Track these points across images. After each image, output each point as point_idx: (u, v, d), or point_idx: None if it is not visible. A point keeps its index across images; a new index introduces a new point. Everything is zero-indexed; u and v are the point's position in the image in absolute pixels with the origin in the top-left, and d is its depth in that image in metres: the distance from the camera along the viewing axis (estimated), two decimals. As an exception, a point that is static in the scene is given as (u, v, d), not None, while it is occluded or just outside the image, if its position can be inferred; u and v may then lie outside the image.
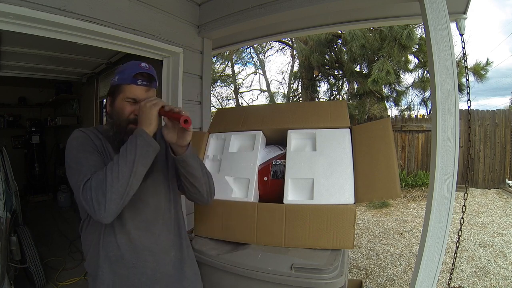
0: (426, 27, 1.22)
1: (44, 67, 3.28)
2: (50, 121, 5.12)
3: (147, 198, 0.94)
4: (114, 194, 0.76)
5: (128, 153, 0.79)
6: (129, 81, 0.90)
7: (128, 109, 0.91)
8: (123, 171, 0.77)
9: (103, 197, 0.75)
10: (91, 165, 0.83)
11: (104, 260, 0.90)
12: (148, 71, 0.92)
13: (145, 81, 0.92)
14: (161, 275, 0.94)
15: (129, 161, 0.78)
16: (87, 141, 0.89)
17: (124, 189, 0.77)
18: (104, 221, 0.78)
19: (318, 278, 0.96)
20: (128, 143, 0.81)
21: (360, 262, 2.98)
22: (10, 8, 1.16)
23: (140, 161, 0.80)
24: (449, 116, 1.17)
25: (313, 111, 1.36)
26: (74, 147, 0.87)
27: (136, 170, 0.79)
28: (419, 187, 5.58)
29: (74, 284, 2.41)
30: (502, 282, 2.53)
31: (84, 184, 0.78)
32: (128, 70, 0.91)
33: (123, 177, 0.77)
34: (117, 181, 0.76)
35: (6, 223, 1.91)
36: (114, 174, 0.77)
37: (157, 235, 0.95)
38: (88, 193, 0.77)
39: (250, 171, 1.27)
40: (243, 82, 11.52)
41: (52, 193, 5.00)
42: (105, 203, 0.75)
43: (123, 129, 0.91)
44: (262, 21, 1.83)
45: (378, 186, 1.07)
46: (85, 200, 0.77)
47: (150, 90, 0.94)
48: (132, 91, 0.91)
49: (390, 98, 6.46)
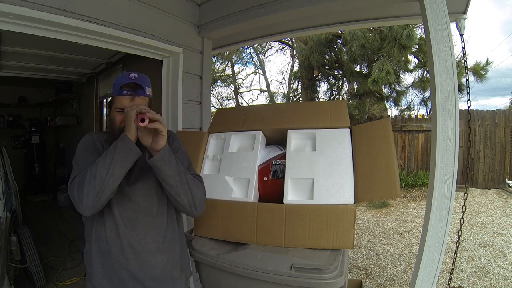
0: (426, 27, 1.22)
1: (44, 67, 3.28)
2: (50, 121, 5.12)
3: (136, 199, 0.99)
4: (90, 191, 0.84)
5: (108, 156, 0.87)
6: (117, 92, 0.99)
7: (118, 118, 0.98)
8: (100, 171, 0.85)
9: (81, 193, 0.85)
10: (85, 166, 0.91)
11: (96, 252, 0.98)
12: (134, 81, 0.98)
13: (130, 90, 0.98)
14: (144, 276, 0.98)
15: (107, 162, 0.86)
16: (91, 144, 0.99)
17: (100, 187, 0.84)
18: (83, 214, 0.88)
19: (318, 278, 0.96)
20: (110, 147, 0.89)
21: (360, 262, 2.98)
22: (10, 8, 1.16)
23: (117, 163, 0.86)
24: (449, 116, 1.17)
25: (313, 111, 1.36)
26: (78, 149, 0.99)
27: (113, 171, 0.85)
28: (419, 187, 5.58)
29: (74, 284, 2.41)
30: (502, 282, 2.53)
31: (72, 180, 0.89)
32: (117, 82, 0.99)
33: (99, 177, 0.84)
34: (94, 180, 0.84)
35: (6, 223, 1.91)
36: (92, 173, 0.85)
37: (142, 236, 0.98)
38: (72, 188, 0.88)
39: (250, 171, 1.27)
40: (243, 82, 11.53)
41: (52, 193, 5.00)
42: (82, 198, 0.84)
43: (116, 138, 0.94)
44: (262, 21, 1.83)
45: (378, 186, 1.07)
46: (70, 194, 0.88)
47: (135, 98, 0.99)
48: (120, 101, 0.98)
49: (390, 98, 6.46)
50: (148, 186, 1.00)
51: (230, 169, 1.32)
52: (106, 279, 0.97)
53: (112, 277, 0.97)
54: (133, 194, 0.98)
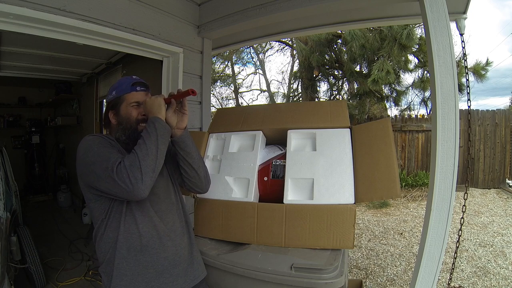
0: (426, 27, 1.22)
1: (44, 67, 3.28)
2: (50, 121, 5.12)
3: (158, 191, 1.02)
4: (147, 168, 0.85)
5: (151, 134, 0.90)
6: (128, 90, 1.03)
7: (135, 112, 1.02)
8: (150, 148, 0.87)
9: (139, 172, 0.84)
10: (117, 153, 0.92)
11: (128, 252, 0.93)
12: (140, 80, 1.06)
13: (143, 86, 1.06)
14: (179, 259, 1.02)
15: (153, 140, 0.89)
16: (104, 140, 0.96)
17: (154, 163, 0.87)
18: (141, 195, 0.85)
19: (318, 278, 0.96)
20: (147, 128, 0.92)
21: (360, 262, 2.98)
22: (10, 8, 1.17)
23: (161, 140, 0.91)
24: (449, 116, 1.17)
25: (313, 111, 1.36)
26: (94, 145, 0.93)
27: (160, 147, 0.90)
28: (419, 187, 5.58)
29: (74, 284, 2.40)
30: (502, 282, 2.52)
31: (118, 166, 0.84)
32: (124, 83, 1.04)
33: (152, 153, 0.87)
34: (147, 157, 0.86)
35: (6, 223, 1.91)
36: (144, 152, 0.86)
37: (172, 223, 1.03)
38: (123, 172, 0.83)
39: (250, 171, 1.27)
40: (243, 82, 11.54)
41: (52, 193, 5.00)
42: (141, 176, 0.84)
43: (135, 130, 1.01)
44: (262, 21, 1.83)
45: (378, 186, 1.07)
46: (121, 179, 0.83)
47: (148, 94, 1.06)
48: (134, 97, 1.03)
49: (390, 98, 6.45)
50: (163, 177, 1.06)
51: (230, 169, 1.32)
52: (141, 276, 0.94)
53: (147, 272, 0.94)
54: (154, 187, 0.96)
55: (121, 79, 1.09)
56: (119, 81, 1.07)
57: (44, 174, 5.04)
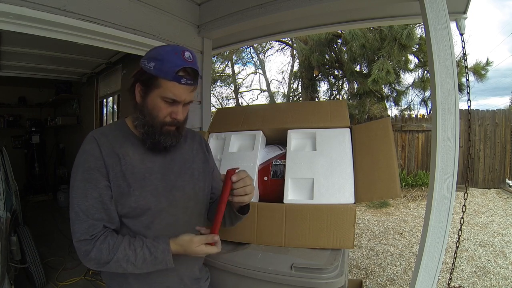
0: (426, 27, 1.22)
1: (44, 67, 3.29)
2: (50, 121, 5.12)
3: (177, 213, 0.88)
4: (101, 266, 0.77)
5: (147, 263, 0.77)
6: (170, 77, 0.75)
7: (164, 110, 0.79)
8: (129, 267, 0.77)
9: (95, 264, 0.76)
10: (92, 213, 0.78)
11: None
12: (192, 66, 0.76)
13: (189, 79, 0.77)
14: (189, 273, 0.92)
15: (140, 267, 0.78)
16: (96, 162, 0.78)
17: (109, 269, 0.77)
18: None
19: (318, 277, 0.96)
20: (150, 254, 0.77)
21: (360, 262, 2.98)
22: (10, 8, 1.16)
23: (146, 269, 0.79)
24: (449, 116, 1.16)
25: (313, 111, 1.36)
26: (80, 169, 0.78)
27: (137, 270, 0.79)
28: (419, 187, 5.58)
29: (74, 284, 2.40)
30: (502, 282, 2.53)
31: (81, 243, 0.76)
32: (169, 61, 0.75)
33: (118, 267, 0.77)
34: (117, 264, 0.76)
35: (6, 223, 1.91)
36: (119, 263, 0.76)
37: None
38: (81, 253, 0.76)
39: (250, 171, 1.27)
40: (243, 82, 11.54)
41: (52, 193, 4.99)
42: (91, 266, 0.77)
43: (157, 131, 0.80)
44: (262, 21, 1.83)
45: (378, 185, 1.07)
46: (77, 250, 0.77)
47: (195, 89, 0.81)
48: (173, 90, 0.76)
49: (390, 98, 6.46)
50: (186, 199, 0.90)
51: (230, 169, 1.32)
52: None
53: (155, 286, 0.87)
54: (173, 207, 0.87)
55: (166, 47, 0.78)
56: (163, 50, 0.77)
57: (44, 174, 5.04)
